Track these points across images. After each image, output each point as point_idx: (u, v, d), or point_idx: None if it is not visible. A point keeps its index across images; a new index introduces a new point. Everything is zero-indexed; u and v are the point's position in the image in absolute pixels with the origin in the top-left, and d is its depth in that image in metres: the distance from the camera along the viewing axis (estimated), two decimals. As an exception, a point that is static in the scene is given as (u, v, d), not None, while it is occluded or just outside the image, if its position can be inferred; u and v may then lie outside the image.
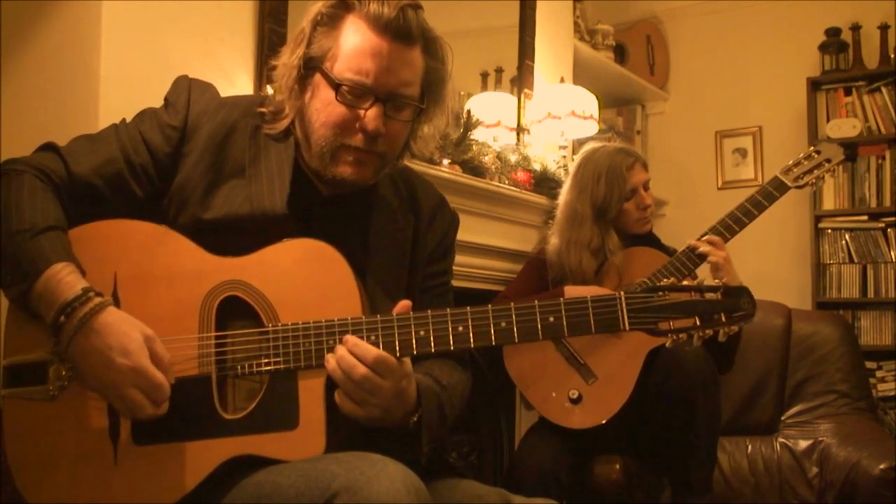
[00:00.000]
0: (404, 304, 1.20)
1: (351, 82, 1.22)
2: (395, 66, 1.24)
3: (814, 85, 4.02)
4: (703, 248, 2.26)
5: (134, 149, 1.26)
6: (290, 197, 1.25)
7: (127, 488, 1.12)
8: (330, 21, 1.25)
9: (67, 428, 1.14)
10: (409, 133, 1.34)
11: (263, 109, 1.32)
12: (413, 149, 1.37)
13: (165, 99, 1.32)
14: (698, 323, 1.17)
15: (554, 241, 2.49)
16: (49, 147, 1.27)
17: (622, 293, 1.17)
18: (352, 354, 1.13)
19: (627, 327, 1.16)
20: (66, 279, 1.10)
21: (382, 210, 1.35)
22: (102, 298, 1.11)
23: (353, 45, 1.23)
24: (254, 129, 1.31)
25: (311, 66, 1.26)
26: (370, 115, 1.23)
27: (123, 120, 1.32)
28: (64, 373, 1.14)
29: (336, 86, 1.23)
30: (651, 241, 2.53)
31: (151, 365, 1.10)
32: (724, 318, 1.17)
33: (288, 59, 1.27)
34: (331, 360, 1.14)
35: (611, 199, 2.41)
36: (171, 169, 1.27)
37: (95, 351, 1.08)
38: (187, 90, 1.32)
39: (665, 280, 1.22)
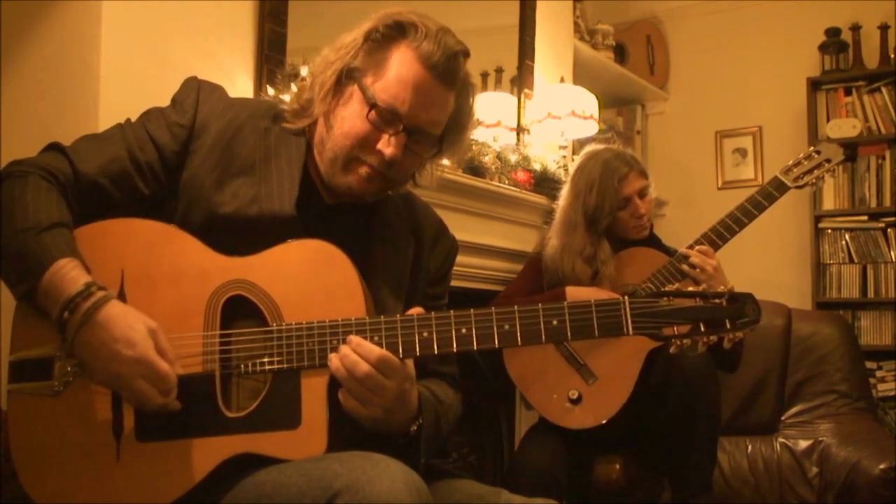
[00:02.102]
0: (417, 310, 1.20)
1: (386, 105, 1.24)
2: (431, 104, 1.26)
3: (814, 85, 4.02)
4: (693, 259, 2.27)
5: (140, 147, 1.27)
6: (296, 200, 1.26)
7: (129, 484, 1.13)
8: (382, 40, 1.26)
9: (71, 424, 1.15)
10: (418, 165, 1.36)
11: (285, 107, 1.34)
12: (417, 179, 1.39)
13: (173, 99, 1.33)
14: (703, 329, 1.16)
15: (553, 242, 2.49)
16: (54, 147, 1.27)
17: (626, 298, 1.17)
18: (355, 353, 1.14)
19: (631, 332, 1.16)
20: (69, 275, 1.11)
21: (384, 228, 1.37)
22: (105, 292, 1.12)
23: (399, 71, 1.24)
24: (264, 130, 1.31)
25: (351, 77, 1.27)
26: (394, 141, 1.25)
27: (128, 120, 1.33)
28: (69, 369, 1.15)
29: (372, 104, 1.24)
30: (652, 243, 2.53)
31: (156, 355, 1.10)
32: (728, 325, 1.16)
33: (331, 62, 1.28)
34: (334, 360, 1.15)
35: (602, 210, 2.40)
36: (178, 166, 1.27)
37: (101, 344, 1.09)
38: (196, 90, 1.32)
39: (670, 287, 1.22)
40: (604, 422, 2.22)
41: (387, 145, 1.25)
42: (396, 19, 1.26)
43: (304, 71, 1.96)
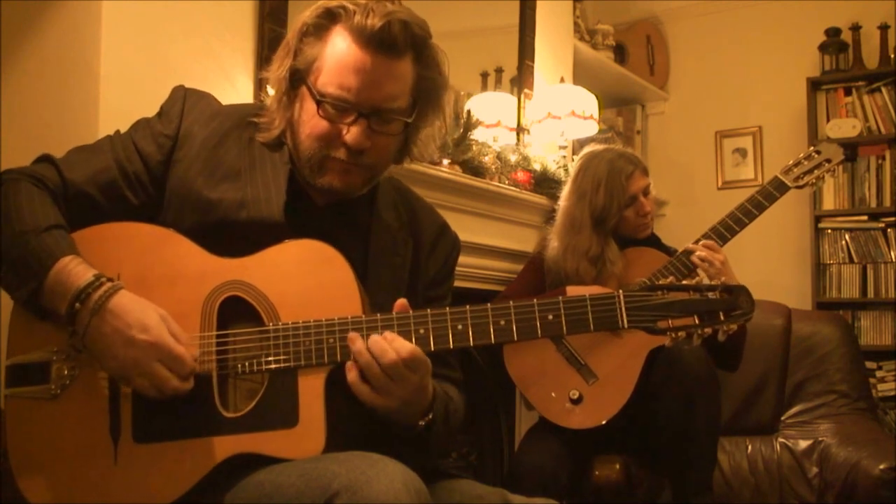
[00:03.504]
0: (401, 302, 1.20)
1: (333, 98, 1.21)
2: (380, 81, 1.21)
3: (814, 85, 4.02)
4: (700, 252, 2.26)
5: (127, 157, 1.27)
6: (286, 207, 1.25)
7: (127, 486, 1.13)
8: (316, 32, 1.23)
9: (69, 426, 1.15)
10: (402, 141, 1.32)
11: (257, 120, 1.32)
12: (413, 153, 1.36)
13: (161, 108, 1.33)
14: (697, 322, 1.17)
15: (554, 244, 2.49)
16: (44, 158, 1.28)
17: (621, 292, 1.17)
18: (386, 341, 1.13)
19: (626, 325, 1.17)
20: (75, 270, 1.12)
21: (382, 230, 1.35)
22: (114, 283, 1.13)
23: (337, 59, 1.21)
24: (248, 141, 1.31)
25: (297, 79, 1.25)
26: (352, 131, 1.22)
27: (118, 131, 1.33)
28: (66, 372, 1.16)
29: (318, 101, 1.22)
30: (652, 243, 2.53)
31: (171, 338, 1.11)
32: (722, 317, 1.17)
33: (276, 72, 1.27)
34: (357, 341, 1.14)
35: (610, 208, 2.41)
36: (163, 177, 1.27)
37: (114, 331, 1.10)
38: (182, 100, 1.32)
39: (664, 280, 1.22)
40: (604, 422, 2.22)
41: (347, 137, 1.22)
42: (324, 7, 1.23)
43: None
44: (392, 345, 1.13)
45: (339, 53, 1.21)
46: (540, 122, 2.99)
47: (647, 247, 2.48)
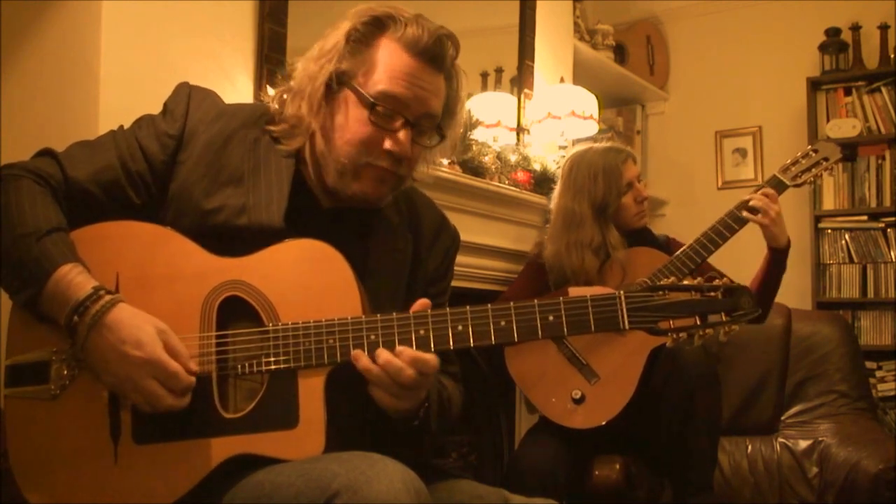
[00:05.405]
0: (423, 302, 1.19)
1: (385, 102, 1.22)
2: (427, 91, 1.24)
3: (814, 85, 4.02)
4: (756, 202, 2.26)
5: (131, 156, 1.26)
6: (287, 210, 1.24)
7: (127, 487, 1.13)
8: (363, 39, 1.24)
9: (68, 427, 1.15)
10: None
11: (274, 128, 1.30)
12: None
13: (165, 105, 1.32)
14: (698, 322, 1.17)
15: (550, 246, 2.49)
16: (46, 153, 1.27)
17: (622, 292, 1.17)
18: (399, 359, 1.13)
19: (627, 326, 1.16)
20: (75, 280, 1.12)
21: (382, 228, 1.34)
22: (113, 295, 1.13)
23: (389, 65, 1.22)
24: (253, 141, 1.29)
25: (341, 82, 1.24)
26: (400, 137, 1.23)
27: (121, 127, 1.32)
28: (66, 372, 1.15)
29: (371, 105, 1.22)
30: (645, 234, 2.54)
31: (166, 355, 1.10)
32: (724, 318, 1.17)
33: (316, 73, 1.25)
34: (361, 359, 1.14)
35: (610, 195, 2.43)
36: (166, 177, 1.26)
37: (110, 347, 1.10)
38: (187, 98, 1.30)
39: (665, 280, 1.22)
40: (605, 422, 2.22)
41: (395, 143, 1.23)
42: (372, 14, 1.24)
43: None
44: (406, 361, 1.13)
45: (391, 59, 1.22)
46: (540, 122, 2.99)
47: (640, 239, 2.49)
